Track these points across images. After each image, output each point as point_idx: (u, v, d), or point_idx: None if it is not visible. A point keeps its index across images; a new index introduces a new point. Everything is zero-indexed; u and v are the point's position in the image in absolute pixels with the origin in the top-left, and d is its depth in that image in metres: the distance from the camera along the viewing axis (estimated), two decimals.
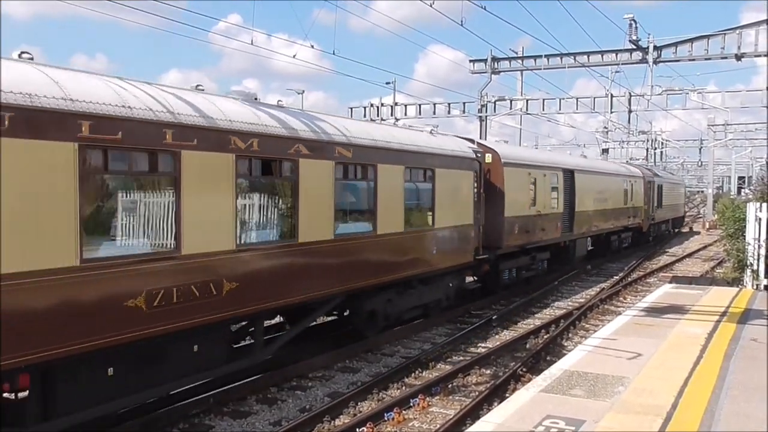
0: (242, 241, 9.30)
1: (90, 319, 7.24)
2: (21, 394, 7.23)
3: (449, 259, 14.87)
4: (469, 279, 17.50)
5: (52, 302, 6.91)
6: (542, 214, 19.88)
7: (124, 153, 7.79)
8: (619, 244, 30.24)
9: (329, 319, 14.06)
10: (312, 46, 18.18)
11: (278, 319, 13.23)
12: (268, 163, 10.00)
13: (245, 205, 9.60)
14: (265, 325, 10.87)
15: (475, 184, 15.96)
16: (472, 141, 17.37)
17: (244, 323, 10.54)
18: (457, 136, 17.22)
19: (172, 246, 8.24)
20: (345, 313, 13.27)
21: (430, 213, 14.19)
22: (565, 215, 22.09)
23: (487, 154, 17.07)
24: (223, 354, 9.43)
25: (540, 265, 20.78)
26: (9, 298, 6.44)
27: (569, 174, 22.44)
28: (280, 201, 10.34)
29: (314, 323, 12.95)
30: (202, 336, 8.79)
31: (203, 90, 9.66)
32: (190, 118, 8.45)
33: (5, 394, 7.12)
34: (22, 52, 7.41)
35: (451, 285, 15.52)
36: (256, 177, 9.97)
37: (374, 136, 12.47)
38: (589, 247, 26.26)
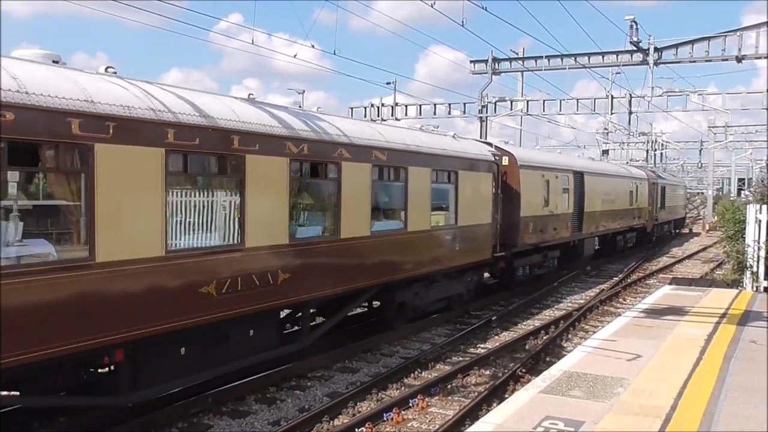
0: (294, 237, 10.30)
1: (171, 303, 8.23)
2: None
3: (470, 255, 15.82)
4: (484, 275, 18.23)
5: (142, 287, 7.85)
6: (554, 214, 20.73)
7: (201, 157, 8.94)
8: (624, 244, 31.09)
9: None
10: (313, 46, 18.20)
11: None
12: (315, 165, 11.15)
13: (296, 203, 10.65)
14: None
15: (494, 185, 16.87)
16: (489, 144, 18.41)
17: (289, 311, 11.58)
18: (476, 140, 18.36)
19: (238, 240, 9.21)
20: (375, 305, 14.28)
21: (454, 212, 15.13)
22: (575, 215, 22.90)
23: (504, 157, 17.94)
24: (274, 339, 10.41)
25: (551, 263, 21.61)
26: (109, 283, 7.45)
27: (579, 176, 23.27)
28: (325, 200, 11.45)
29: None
30: (257, 321, 9.74)
31: (254, 98, 10.45)
32: (253, 126, 9.43)
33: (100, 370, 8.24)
34: (108, 67, 8.20)
35: (471, 280, 16.52)
36: (306, 178, 11.07)
37: (406, 141, 13.48)
38: (596, 247, 27.01)
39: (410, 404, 9.77)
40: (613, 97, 38.29)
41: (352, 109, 40.59)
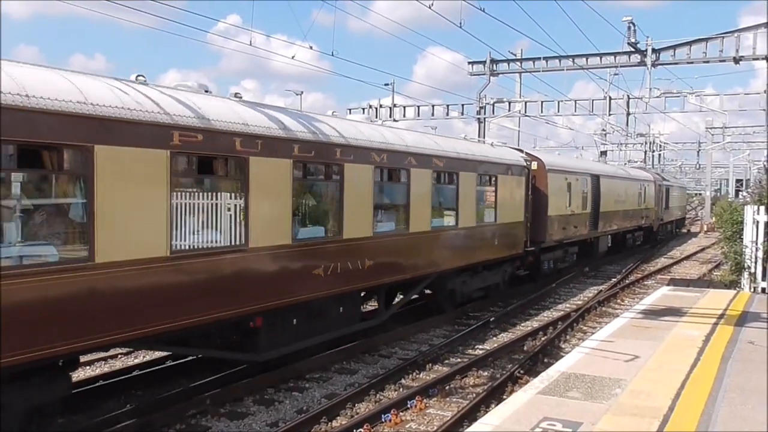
0: (376, 231, 12.38)
1: (295, 281, 10.47)
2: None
3: (506, 250, 17.99)
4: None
5: (276, 269, 10.11)
6: (575, 213, 23.05)
7: (315, 165, 11.31)
8: (633, 242, 33.37)
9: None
10: (311, 47, 18.16)
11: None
12: (390, 171, 13.19)
13: (377, 203, 12.64)
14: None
15: (525, 188, 19.04)
16: (521, 150, 20.77)
17: (364, 293, 13.46)
18: (510, 147, 20.57)
19: (338, 233, 11.39)
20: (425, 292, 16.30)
21: (494, 211, 17.23)
22: (592, 215, 25.07)
23: (533, 162, 19.94)
24: (357, 315, 12.63)
25: (571, 258, 23.73)
26: (259, 263, 9.78)
27: (596, 179, 25.52)
28: (398, 201, 13.52)
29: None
30: (345, 300, 11.89)
31: (336, 115, 12.69)
32: (354, 141, 11.80)
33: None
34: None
35: (506, 271, 18.59)
36: (384, 182, 13.15)
37: (457, 149, 15.57)
38: (609, 244, 28.89)
39: (408, 405, 9.77)
40: (611, 99, 38.31)
41: (350, 110, 40.57)
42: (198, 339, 9.88)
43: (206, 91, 9.88)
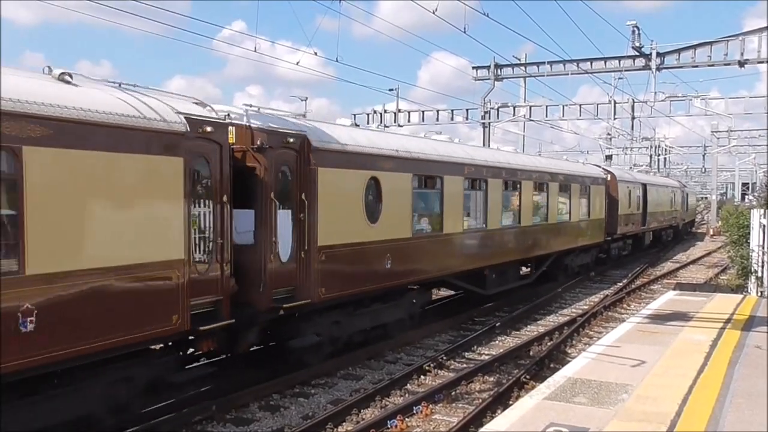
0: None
1: (499, 252, 17.40)
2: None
3: (594, 238, 25.05)
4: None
5: (498, 242, 17.30)
6: (633, 213, 30.64)
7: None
8: (666, 237, 40.71)
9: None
10: (315, 53, 18.22)
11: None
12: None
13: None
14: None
15: (605, 194, 26.28)
16: (598, 166, 29.08)
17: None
18: (592, 164, 29.90)
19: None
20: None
21: (587, 210, 24.14)
22: (642, 215, 32.58)
23: (608, 175, 27.45)
24: (517, 277, 19.65)
25: (628, 247, 31.29)
26: (489, 239, 16.73)
27: (644, 187, 32.95)
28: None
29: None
30: (515, 265, 19.03)
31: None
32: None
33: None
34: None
35: (593, 254, 26.01)
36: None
37: (571, 170, 23.48)
38: (651, 238, 35.95)
39: (414, 411, 9.73)
40: (615, 103, 38.25)
41: (354, 115, 40.61)
42: (462, 279, 16.08)
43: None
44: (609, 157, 50.55)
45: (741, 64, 27.88)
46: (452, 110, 39.31)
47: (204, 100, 9.58)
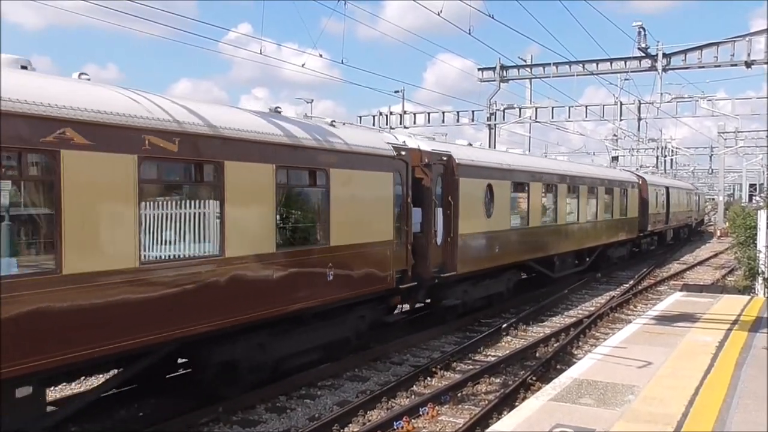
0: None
1: (565, 242, 21.59)
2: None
3: (629, 234, 29.13)
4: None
5: (563, 235, 21.73)
6: (660, 212, 35.09)
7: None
8: (683, 234, 44.63)
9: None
10: (321, 56, 18.23)
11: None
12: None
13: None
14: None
15: (639, 196, 30.55)
16: (631, 171, 33.54)
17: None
18: (624, 169, 36.12)
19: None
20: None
21: (624, 210, 28.18)
22: (666, 214, 36.71)
23: (640, 179, 31.87)
24: (573, 264, 23.38)
25: (654, 242, 35.77)
26: (549, 236, 20.52)
27: (667, 189, 37.06)
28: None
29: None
30: (572, 255, 23.14)
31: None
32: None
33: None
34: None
35: (628, 248, 30.49)
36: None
37: (615, 176, 28.52)
38: (672, 236, 40.31)
39: (420, 412, 9.74)
40: (622, 104, 38.18)
41: (360, 117, 40.68)
42: (539, 263, 19.77)
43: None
44: (615, 159, 50.50)
45: (748, 64, 27.83)
46: (458, 112, 39.34)
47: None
